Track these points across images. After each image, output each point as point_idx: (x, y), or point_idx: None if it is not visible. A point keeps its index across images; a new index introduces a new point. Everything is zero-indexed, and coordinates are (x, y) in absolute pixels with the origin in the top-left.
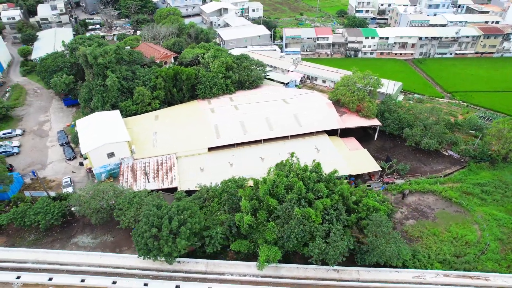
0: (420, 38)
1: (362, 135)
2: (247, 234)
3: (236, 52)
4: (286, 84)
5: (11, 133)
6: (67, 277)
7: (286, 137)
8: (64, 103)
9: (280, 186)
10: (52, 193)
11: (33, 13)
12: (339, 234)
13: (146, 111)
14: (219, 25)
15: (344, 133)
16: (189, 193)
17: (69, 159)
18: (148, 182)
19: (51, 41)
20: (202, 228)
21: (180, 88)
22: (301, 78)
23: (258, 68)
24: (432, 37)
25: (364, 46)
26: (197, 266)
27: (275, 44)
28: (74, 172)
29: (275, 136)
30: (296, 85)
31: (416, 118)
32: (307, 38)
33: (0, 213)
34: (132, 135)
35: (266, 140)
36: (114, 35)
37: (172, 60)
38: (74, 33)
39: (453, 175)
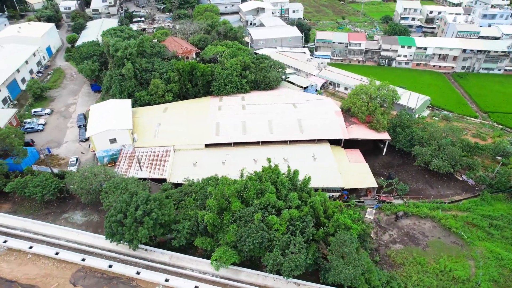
0: (464, 51)
1: (371, 148)
2: (213, 232)
3: (264, 52)
4: (305, 89)
5: (40, 111)
6: (45, 248)
7: (286, 142)
8: (91, 88)
9: (251, 190)
10: (56, 170)
11: (90, 4)
12: (299, 246)
13: (159, 103)
14: (254, 24)
15: (352, 144)
16: (177, 186)
17: (82, 141)
18: (141, 170)
19: (96, 31)
20: (172, 220)
21: (195, 83)
22: (323, 83)
23: (277, 70)
24: (478, 50)
25: (399, 55)
26: (162, 257)
27: (306, 47)
28: (83, 153)
29: (274, 139)
30: (316, 90)
31: (431, 136)
32: (339, 43)
33: (9, 182)
34: (138, 124)
35: (264, 143)
36: (154, 28)
37: (194, 55)
38: (119, 24)
39: (461, 202)
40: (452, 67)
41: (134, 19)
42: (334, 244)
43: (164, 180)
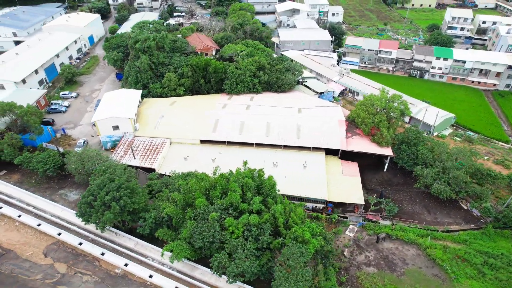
0: (510, 67)
1: (373, 162)
2: (177, 226)
3: (290, 54)
4: (320, 94)
5: (68, 94)
6: (30, 218)
7: (280, 146)
8: (116, 77)
9: (217, 189)
10: (62, 150)
11: None
12: (247, 253)
13: (171, 96)
14: (288, 25)
15: (353, 156)
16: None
17: (94, 125)
18: (134, 158)
19: (134, 23)
20: (142, 209)
21: (208, 80)
22: (342, 90)
23: (294, 73)
24: None
25: (433, 67)
26: (128, 242)
27: (335, 52)
28: (93, 136)
29: (269, 142)
30: (333, 97)
31: (438, 157)
32: (368, 50)
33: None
34: (143, 114)
35: (259, 145)
36: (191, 23)
37: (214, 52)
38: (159, 17)
39: (458, 233)
40: (494, 84)
41: (175, 14)
42: (283, 256)
43: (153, 170)
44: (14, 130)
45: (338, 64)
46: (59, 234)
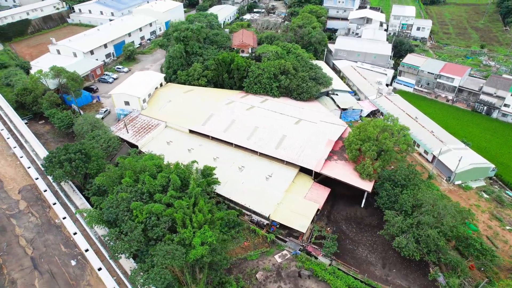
0: None
1: (354, 194)
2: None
3: (339, 63)
4: (343, 111)
5: (121, 69)
6: (26, 161)
7: (256, 153)
8: None
9: (145, 174)
10: (82, 113)
11: None
12: (134, 237)
13: (193, 85)
14: (357, 34)
15: (333, 181)
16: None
17: None
18: (127, 132)
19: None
20: (95, 173)
21: (232, 76)
22: (374, 110)
23: (320, 83)
24: None
25: (506, 105)
26: (77, 201)
27: (391, 69)
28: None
29: (246, 146)
30: (360, 117)
31: (422, 206)
32: (428, 73)
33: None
34: (157, 96)
35: (239, 147)
36: (265, 20)
37: (250, 50)
38: (237, 12)
39: None
40: None
41: (255, 10)
42: (153, 249)
43: (137, 146)
44: (61, 91)
45: (391, 83)
46: (37, 178)
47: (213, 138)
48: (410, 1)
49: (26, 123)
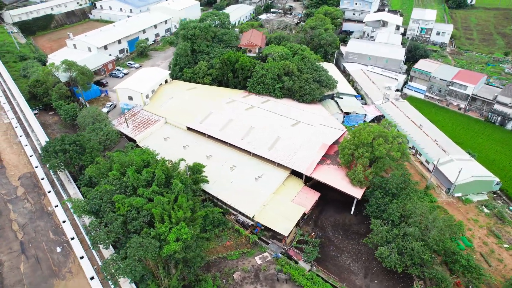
0: None
1: (347, 200)
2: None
3: (350, 66)
4: (346, 115)
5: (132, 64)
6: (29, 150)
7: (249, 153)
8: None
9: (131, 168)
10: (88, 106)
11: None
12: (113, 228)
13: (198, 82)
14: (371, 37)
15: (325, 186)
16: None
17: None
18: (128, 127)
19: (229, 13)
20: (89, 163)
21: (237, 75)
22: (378, 116)
23: (324, 85)
24: None
25: None
26: (71, 190)
27: (403, 74)
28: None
29: (241, 146)
30: (364, 121)
31: (410, 217)
32: (440, 79)
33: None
34: (160, 92)
35: (233, 146)
36: (279, 20)
37: (257, 50)
38: (253, 11)
39: None
40: None
41: (272, 10)
42: (129, 242)
43: (134, 141)
44: (71, 84)
45: (402, 89)
46: (36, 167)
47: (209, 136)
48: (435, 5)
49: (36, 114)
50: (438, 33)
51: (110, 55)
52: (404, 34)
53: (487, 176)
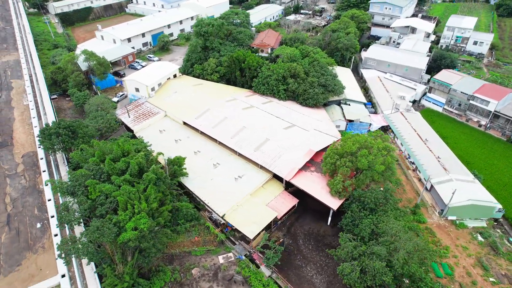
0: None
1: (327, 210)
2: None
3: (367, 72)
4: (349, 122)
5: (152, 57)
6: (37, 131)
7: (236, 153)
8: None
9: (109, 156)
10: (99, 94)
11: None
12: (79, 216)
13: (207, 79)
14: (398, 43)
15: (307, 193)
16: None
17: None
18: (129, 117)
19: (254, 12)
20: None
21: (244, 74)
22: (384, 126)
23: (330, 90)
24: None
25: None
26: (63, 172)
27: (424, 84)
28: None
29: (228, 145)
30: (368, 131)
31: (382, 235)
32: (461, 92)
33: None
34: (167, 86)
35: (222, 144)
36: (306, 21)
37: (269, 50)
38: (281, 12)
39: None
40: None
41: (302, 11)
42: (89, 228)
43: (132, 131)
44: (89, 73)
45: (420, 100)
46: (39, 147)
47: (202, 133)
48: (483, 13)
49: (54, 98)
50: (475, 43)
51: (133, 47)
52: (437, 42)
53: (487, 201)
